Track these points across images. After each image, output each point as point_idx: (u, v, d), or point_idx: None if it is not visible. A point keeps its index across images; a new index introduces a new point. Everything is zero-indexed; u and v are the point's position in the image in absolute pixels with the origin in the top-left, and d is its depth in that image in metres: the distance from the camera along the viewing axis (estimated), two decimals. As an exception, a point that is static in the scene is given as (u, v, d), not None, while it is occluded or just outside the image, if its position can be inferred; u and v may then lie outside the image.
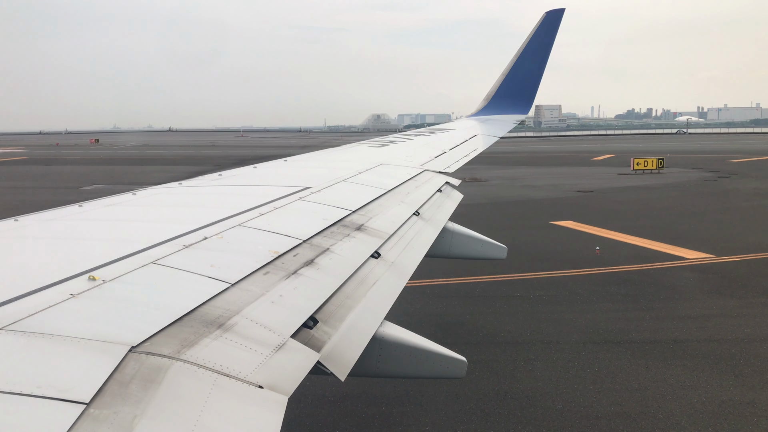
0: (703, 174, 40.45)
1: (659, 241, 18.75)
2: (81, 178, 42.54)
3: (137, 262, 3.11)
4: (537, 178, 39.91)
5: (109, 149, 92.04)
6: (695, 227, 22.14)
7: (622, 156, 56.00)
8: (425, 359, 3.76)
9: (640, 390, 8.94)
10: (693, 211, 25.75)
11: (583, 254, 17.40)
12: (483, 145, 12.50)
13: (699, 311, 12.53)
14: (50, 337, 2.18)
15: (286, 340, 2.64)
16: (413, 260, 4.47)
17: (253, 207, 4.66)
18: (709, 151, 63.98)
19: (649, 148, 70.49)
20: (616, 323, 11.82)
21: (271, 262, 3.46)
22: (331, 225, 4.50)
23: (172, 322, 2.47)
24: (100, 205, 4.84)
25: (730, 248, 17.75)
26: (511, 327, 11.67)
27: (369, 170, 7.45)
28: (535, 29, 16.13)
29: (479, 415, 8.29)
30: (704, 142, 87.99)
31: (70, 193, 32.18)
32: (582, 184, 35.54)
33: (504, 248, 7.68)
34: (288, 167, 7.92)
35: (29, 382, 1.88)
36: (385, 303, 3.56)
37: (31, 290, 2.59)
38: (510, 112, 17.05)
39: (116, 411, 1.83)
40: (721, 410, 8.29)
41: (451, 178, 8.20)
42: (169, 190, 5.83)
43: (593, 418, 8.16)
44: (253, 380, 2.26)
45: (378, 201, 5.70)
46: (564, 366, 9.82)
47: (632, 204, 27.99)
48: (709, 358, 10.07)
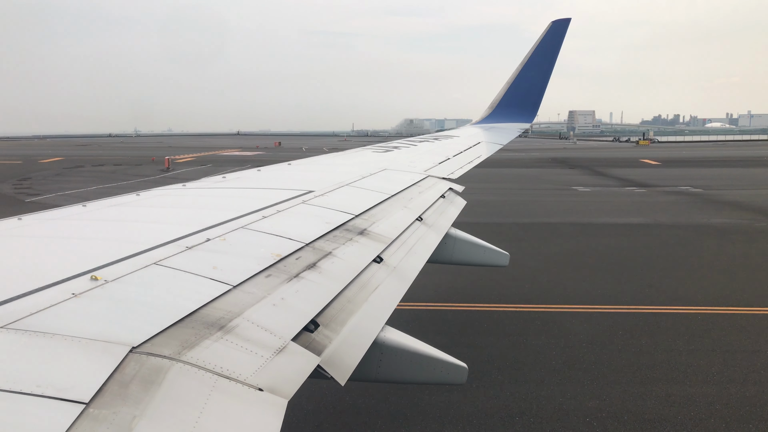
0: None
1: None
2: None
3: (139, 262, 3.11)
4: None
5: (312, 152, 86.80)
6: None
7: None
8: (426, 365, 3.76)
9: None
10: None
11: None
12: (487, 153, 12.53)
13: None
14: (51, 337, 2.17)
15: (287, 344, 2.64)
16: (415, 266, 4.47)
17: (256, 210, 4.67)
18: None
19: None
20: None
21: (274, 264, 3.46)
22: (333, 229, 4.50)
23: (173, 323, 2.47)
24: (104, 206, 4.85)
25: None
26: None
27: (372, 175, 7.46)
28: (540, 38, 16.17)
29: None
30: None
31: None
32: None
33: (506, 255, 7.67)
34: (291, 171, 7.93)
35: (29, 381, 1.88)
36: (386, 308, 3.55)
37: (33, 289, 2.59)
38: (514, 121, 17.08)
39: (116, 411, 1.83)
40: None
41: (455, 184, 8.21)
42: (173, 191, 5.83)
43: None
44: (253, 383, 2.25)
45: (381, 206, 5.70)
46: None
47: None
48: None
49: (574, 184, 37.20)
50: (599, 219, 24.39)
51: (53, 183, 39.04)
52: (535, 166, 53.98)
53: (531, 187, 36.35)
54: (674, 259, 17.32)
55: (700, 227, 22.27)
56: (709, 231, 21.57)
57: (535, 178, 42.06)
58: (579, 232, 21.48)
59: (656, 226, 22.54)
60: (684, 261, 17.05)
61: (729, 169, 47.94)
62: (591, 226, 22.73)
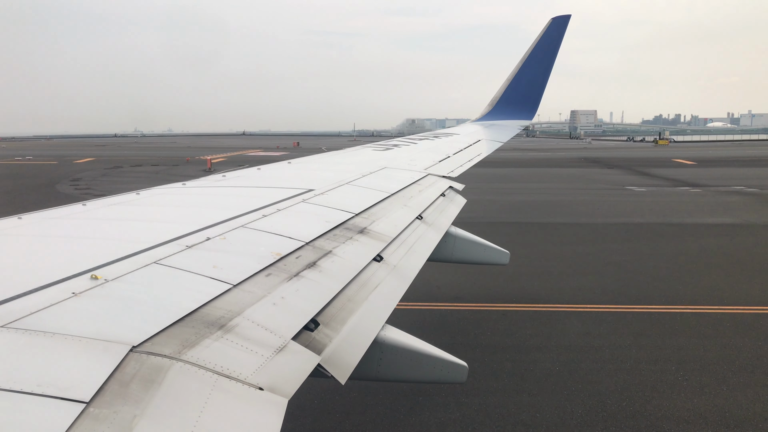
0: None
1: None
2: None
3: (139, 261, 3.11)
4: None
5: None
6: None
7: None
8: (426, 364, 3.76)
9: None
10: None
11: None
12: (487, 151, 12.50)
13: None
14: (51, 336, 2.17)
15: (287, 343, 2.64)
16: (415, 264, 4.46)
17: (256, 208, 4.67)
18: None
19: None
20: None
21: (274, 263, 3.46)
22: (333, 228, 4.50)
23: (174, 322, 2.47)
24: (104, 205, 4.85)
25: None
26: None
27: (372, 173, 7.45)
28: (540, 35, 16.14)
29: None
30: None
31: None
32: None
33: (507, 254, 7.67)
34: (291, 169, 7.93)
35: (30, 381, 1.88)
36: (386, 307, 3.55)
37: (33, 288, 2.59)
38: (514, 118, 17.06)
39: (116, 410, 1.83)
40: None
41: (455, 182, 8.20)
42: (173, 190, 5.83)
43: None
44: (253, 382, 2.25)
45: (381, 204, 5.70)
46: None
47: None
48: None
49: (626, 184, 36.36)
50: (691, 219, 23.49)
51: (108, 183, 38.22)
52: (570, 165, 53.11)
53: (586, 187, 35.56)
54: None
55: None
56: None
57: (583, 178, 41.17)
58: (683, 232, 20.83)
59: (749, 226, 21.90)
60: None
61: (764, 168, 46.98)
62: (690, 226, 21.93)
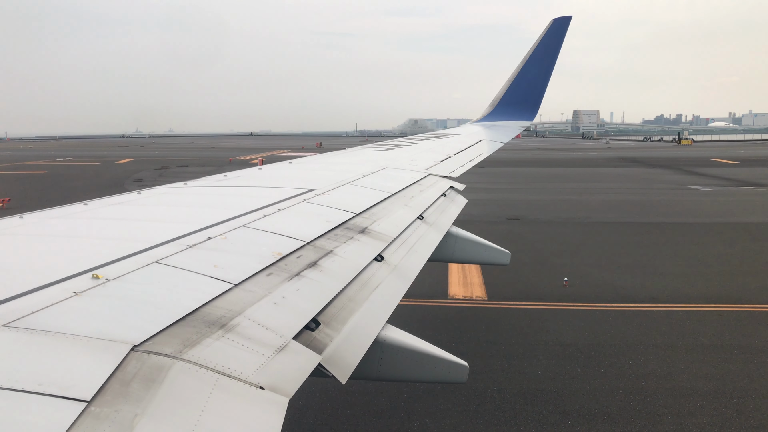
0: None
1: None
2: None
3: (141, 261, 3.11)
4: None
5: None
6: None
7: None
8: (427, 363, 3.75)
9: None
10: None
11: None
12: (488, 151, 12.50)
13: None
14: (53, 335, 2.18)
15: (288, 342, 2.64)
16: (416, 264, 4.46)
17: (257, 208, 4.67)
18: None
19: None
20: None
21: (275, 263, 3.46)
22: (334, 227, 4.50)
23: (175, 321, 2.47)
24: (105, 204, 4.85)
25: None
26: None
27: (373, 173, 7.45)
28: (541, 36, 16.14)
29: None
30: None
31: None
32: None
33: (507, 254, 7.66)
34: (292, 169, 7.93)
35: (31, 379, 1.88)
36: (387, 307, 3.55)
37: (35, 287, 2.59)
38: (515, 119, 17.05)
39: (117, 409, 1.83)
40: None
41: (456, 182, 8.20)
42: (174, 190, 5.84)
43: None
44: (254, 381, 2.26)
45: (382, 204, 5.70)
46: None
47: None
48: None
49: (688, 184, 36.07)
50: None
51: (171, 182, 37.85)
52: (611, 165, 52.71)
53: (651, 187, 35.26)
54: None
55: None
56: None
57: (638, 178, 40.76)
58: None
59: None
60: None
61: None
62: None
